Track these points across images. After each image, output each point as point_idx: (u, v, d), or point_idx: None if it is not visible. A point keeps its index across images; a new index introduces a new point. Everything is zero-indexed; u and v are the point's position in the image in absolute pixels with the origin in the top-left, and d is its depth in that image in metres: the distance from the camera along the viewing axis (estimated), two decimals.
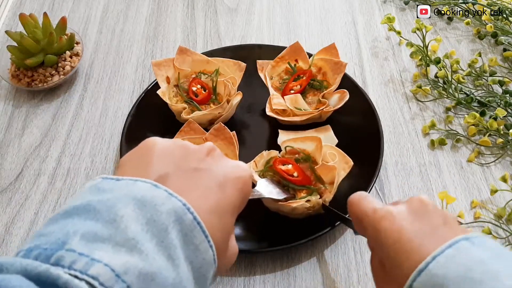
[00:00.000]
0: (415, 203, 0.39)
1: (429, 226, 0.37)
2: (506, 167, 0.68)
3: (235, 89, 0.69)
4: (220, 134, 0.64)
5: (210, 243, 0.32)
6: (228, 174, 0.36)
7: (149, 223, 0.30)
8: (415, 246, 0.35)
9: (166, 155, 0.35)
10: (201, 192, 0.34)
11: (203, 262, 0.32)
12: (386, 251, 0.37)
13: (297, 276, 0.58)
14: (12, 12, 0.93)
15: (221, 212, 0.34)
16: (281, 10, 0.92)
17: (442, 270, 0.32)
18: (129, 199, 0.30)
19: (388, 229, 0.37)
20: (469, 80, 0.78)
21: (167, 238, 0.30)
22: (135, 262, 0.28)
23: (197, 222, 0.31)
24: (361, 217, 0.41)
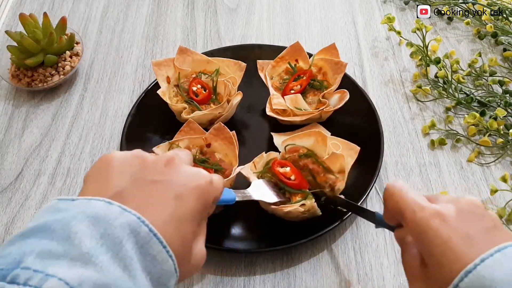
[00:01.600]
0: (465, 205, 0.39)
1: (479, 229, 0.37)
2: (506, 167, 0.68)
3: (235, 89, 0.69)
4: (220, 133, 0.64)
5: (169, 253, 0.33)
6: (186, 184, 0.36)
7: (103, 237, 0.31)
8: (464, 248, 0.35)
9: (123, 169, 0.36)
10: (158, 204, 0.35)
11: (162, 272, 0.33)
12: (432, 250, 0.37)
13: (297, 276, 0.58)
14: (12, 12, 0.93)
15: (180, 222, 0.35)
16: (281, 10, 0.92)
17: (490, 273, 0.33)
18: (83, 217, 0.31)
19: (438, 230, 0.37)
20: (469, 80, 0.78)
21: (122, 250, 0.31)
22: (90, 274, 0.29)
23: (153, 234, 0.32)
24: (404, 210, 0.40)
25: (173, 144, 0.63)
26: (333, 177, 0.60)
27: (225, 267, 0.59)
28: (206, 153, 0.64)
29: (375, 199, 0.65)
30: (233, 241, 0.60)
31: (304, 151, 0.62)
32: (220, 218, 0.62)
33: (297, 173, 0.60)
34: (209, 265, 0.59)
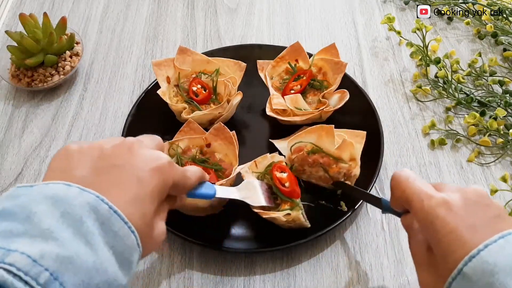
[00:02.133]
0: (472, 194, 0.40)
1: (484, 218, 0.38)
2: (506, 167, 0.68)
3: (235, 89, 0.69)
4: (220, 133, 0.64)
5: (132, 229, 0.35)
6: (145, 166, 0.38)
7: (63, 215, 0.32)
8: (469, 236, 0.36)
9: (82, 159, 0.38)
10: (120, 186, 0.36)
11: (125, 247, 0.34)
12: (439, 238, 0.38)
13: (297, 276, 0.58)
14: (12, 12, 0.93)
15: (141, 202, 0.36)
16: (281, 10, 0.92)
17: (493, 258, 0.34)
18: (42, 198, 0.32)
19: (445, 218, 0.38)
20: (469, 80, 0.78)
21: (83, 226, 0.32)
22: (51, 248, 0.30)
23: (113, 211, 0.34)
24: (412, 198, 0.41)
25: (173, 144, 0.63)
26: (346, 165, 0.60)
27: (225, 267, 0.59)
28: (206, 153, 0.64)
29: None
30: (233, 241, 0.60)
31: (309, 148, 0.62)
32: (220, 218, 0.62)
33: (293, 182, 0.59)
34: (209, 265, 0.59)
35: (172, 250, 0.61)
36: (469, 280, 0.35)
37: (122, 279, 0.34)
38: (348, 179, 0.61)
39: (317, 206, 0.62)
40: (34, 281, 0.28)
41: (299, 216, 0.56)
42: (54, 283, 0.29)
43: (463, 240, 0.36)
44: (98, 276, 0.31)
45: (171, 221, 0.59)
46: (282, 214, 0.56)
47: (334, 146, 0.61)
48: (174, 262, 0.60)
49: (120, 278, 0.34)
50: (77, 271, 0.30)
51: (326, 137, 0.61)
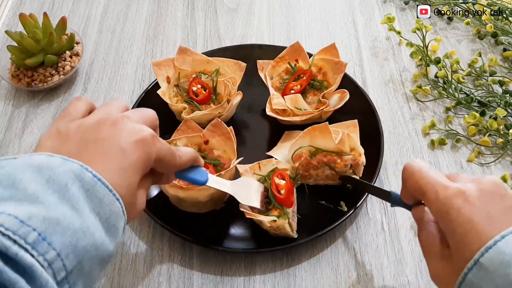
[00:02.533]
0: (488, 184, 0.39)
1: (500, 208, 0.37)
2: (506, 167, 0.68)
3: (235, 89, 0.69)
4: (217, 130, 0.64)
5: (116, 196, 0.35)
6: (129, 138, 0.38)
7: (48, 182, 0.32)
8: (485, 227, 0.36)
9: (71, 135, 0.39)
10: (103, 158, 0.37)
11: (111, 213, 0.35)
12: (455, 229, 0.38)
13: (297, 276, 0.58)
14: (12, 12, 0.93)
15: (125, 172, 0.37)
16: (281, 10, 0.92)
17: (510, 249, 0.34)
18: (26, 167, 0.33)
19: (461, 209, 0.38)
20: (469, 80, 0.78)
21: (68, 192, 0.33)
22: (38, 211, 0.30)
23: (97, 179, 0.34)
24: (426, 190, 0.41)
25: (171, 143, 0.63)
26: (349, 156, 0.60)
27: (225, 267, 0.59)
28: (205, 150, 0.64)
29: (375, 199, 0.65)
30: (233, 241, 0.60)
31: (306, 153, 0.62)
32: (220, 218, 0.62)
33: (289, 190, 0.59)
34: (209, 265, 0.59)
35: (172, 250, 0.61)
36: (486, 271, 0.34)
37: (109, 245, 0.35)
38: (356, 168, 0.62)
39: (317, 206, 0.62)
40: (22, 240, 0.29)
41: (284, 225, 0.56)
42: (42, 243, 0.29)
43: (480, 230, 0.36)
44: (85, 239, 0.32)
45: (171, 221, 0.60)
46: (268, 220, 0.55)
47: (333, 142, 0.61)
48: (174, 262, 0.60)
49: (107, 243, 0.34)
50: (64, 232, 0.31)
51: (322, 136, 0.61)
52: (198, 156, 0.48)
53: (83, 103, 0.44)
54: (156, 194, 0.63)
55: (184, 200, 0.59)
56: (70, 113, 0.42)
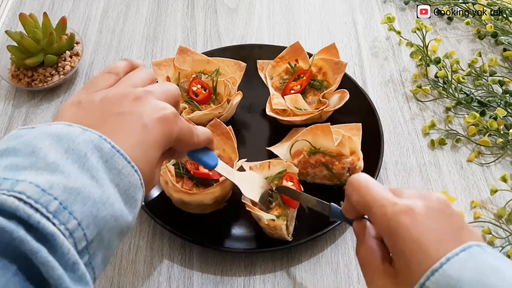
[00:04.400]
0: (434, 202, 0.38)
1: (447, 227, 0.36)
2: (506, 167, 0.68)
3: (235, 89, 0.69)
4: (216, 129, 0.64)
5: (135, 168, 0.35)
6: (151, 114, 0.38)
7: (68, 151, 0.32)
8: (433, 248, 0.35)
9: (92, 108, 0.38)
10: (125, 132, 0.36)
11: (130, 185, 0.35)
12: (402, 247, 0.36)
13: (297, 276, 0.58)
14: (12, 12, 0.93)
15: (146, 147, 0.37)
16: (281, 10, 0.92)
17: (456, 272, 0.33)
18: (45, 136, 0.33)
19: (410, 228, 0.36)
20: (469, 80, 0.78)
21: (88, 162, 0.32)
22: (59, 180, 0.30)
23: (116, 150, 0.34)
24: (372, 205, 0.39)
25: None
26: (348, 159, 0.60)
27: (225, 267, 0.59)
28: None
29: None
30: (233, 241, 0.60)
31: (308, 150, 0.62)
32: (220, 218, 0.62)
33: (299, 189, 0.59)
34: (209, 265, 0.59)
35: (172, 250, 0.61)
36: None
37: (128, 216, 0.35)
38: (353, 172, 0.62)
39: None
40: (44, 209, 0.28)
41: (281, 226, 0.56)
42: (63, 212, 0.29)
43: (427, 251, 0.35)
44: (105, 209, 0.32)
45: (171, 221, 0.60)
46: (267, 217, 0.55)
47: (333, 144, 0.61)
48: (174, 262, 0.60)
49: (126, 215, 0.34)
50: (85, 202, 0.31)
51: (323, 136, 0.61)
52: (213, 139, 0.47)
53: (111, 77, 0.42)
54: (157, 194, 0.63)
55: (189, 203, 0.59)
56: (96, 84, 0.41)
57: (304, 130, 0.64)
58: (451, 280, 0.32)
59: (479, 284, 0.32)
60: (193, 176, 0.61)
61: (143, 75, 0.43)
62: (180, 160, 0.61)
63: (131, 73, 0.43)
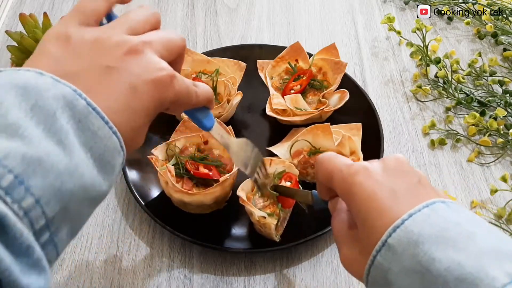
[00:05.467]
0: (391, 161, 0.38)
1: (404, 184, 0.36)
2: (506, 167, 0.68)
3: (235, 89, 0.69)
4: None
5: (113, 129, 0.31)
6: (143, 75, 0.34)
7: (34, 109, 0.28)
8: (390, 204, 0.34)
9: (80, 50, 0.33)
10: (110, 92, 0.32)
11: (106, 149, 0.31)
12: (359, 207, 0.36)
13: (297, 276, 0.58)
14: (12, 12, 0.92)
15: (130, 113, 0.33)
16: (281, 10, 0.92)
17: (417, 228, 0.32)
18: (10, 86, 0.28)
19: (363, 184, 0.36)
20: (469, 80, 0.78)
21: (55, 123, 0.28)
22: (17, 147, 0.26)
23: (92, 108, 0.30)
24: (332, 172, 0.39)
25: (170, 145, 0.63)
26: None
27: (225, 267, 0.59)
28: (204, 150, 0.64)
29: None
30: (233, 241, 0.60)
31: (307, 150, 0.62)
32: (220, 218, 0.62)
33: None
34: (209, 265, 0.59)
35: (172, 250, 0.61)
36: (394, 252, 0.32)
37: (102, 184, 0.31)
38: None
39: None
40: None
41: (270, 225, 0.55)
42: (18, 187, 0.25)
43: (384, 206, 0.34)
44: (72, 181, 0.28)
45: (171, 221, 0.60)
46: (258, 214, 0.55)
47: (333, 144, 0.61)
48: (174, 262, 0.60)
49: (99, 183, 0.31)
50: (46, 174, 0.27)
51: (323, 136, 0.62)
52: (213, 98, 0.43)
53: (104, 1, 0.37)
54: (157, 194, 0.63)
55: (189, 203, 0.59)
56: (85, 11, 0.36)
57: (304, 130, 0.64)
58: (413, 236, 0.32)
59: (439, 238, 0.31)
60: (193, 176, 0.61)
61: (146, 16, 0.38)
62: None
63: (132, 12, 0.38)
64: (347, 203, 0.38)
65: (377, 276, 0.34)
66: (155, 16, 0.39)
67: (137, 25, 0.36)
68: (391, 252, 0.32)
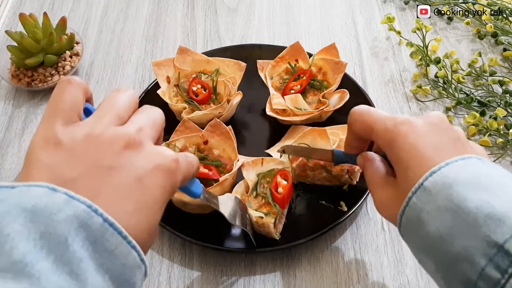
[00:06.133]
0: (433, 118, 0.41)
1: (445, 139, 0.39)
2: (506, 167, 0.68)
3: (235, 89, 0.69)
4: (216, 129, 0.64)
5: (132, 244, 0.29)
6: (148, 168, 0.32)
7: (43, 237, 0.26)
8: (430, 154, 0.37)
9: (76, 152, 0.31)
10: (118, 193, 0.30)
11: (124, 268, 0.29)
12: (401, 154, 0.39)
13: (297, 276, 0.58)
14: (12, 12, 0.93)
15: (145, 212, 0.31)
16: (281, 10, 0.92)
17: (453, 173, 0.35)
18: (19, 211, 0.26)
19: (408, 135, 0.39)
20: (469, 80, 0.78)
21: (67, 251, 0.26)
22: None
23: (109, 224, 0.28)
24: (374, 124, 0.42)
25: (170, 145, 0.63)
26: None
27: (225, 267, 0.59)
28: (204, 150, 0.64)
29: None
30: (233, 241, 0.60)
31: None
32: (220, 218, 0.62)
33: (287, 194, 0.58)
34: (209, 265, 0.59)
35: (172, 250, 0.61)
36: (429, 193, 0.35)
37: None
38: (352, 174, 0.61)
39: (317, 206, 0.62)
40: None
41: (269, 225, 0.56)
42: None
43: (425, 156, 0.37)
44: None
45: (171, 221, 0.60)
46: (255, 215, 0.56)
47: (331, 147, 0.61)
48: (174, 262, 0.60)
49: None
50: None
51: (321, 139, 0.62)
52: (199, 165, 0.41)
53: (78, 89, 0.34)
54: None
55: (189, 203, 0.59)
56: (65, 108, 0.33)
57: (301, 134, 0.63)
58: (448, 179, 0.35)
59: (472, 182, 0.34)
60: None
61: (128, 101, 0.36)
62: None
63: (113, 98, 0.35)
64: (388, 152, 0.41)
65: (410, 216, 0.37)
66: (135, 96, 0.37)
67: (122, 112, 0.35)
68: (426, 194, 0.36)
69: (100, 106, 0.35)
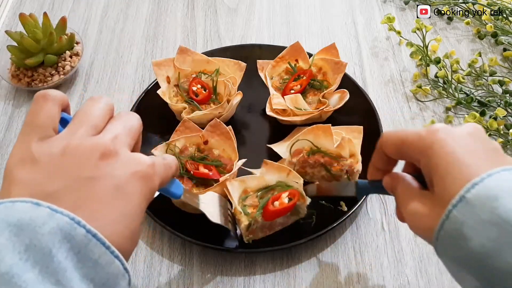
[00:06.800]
0: (469, 128, 0.39)
1: (482, 148, 0.37)
2: None
3: (235, 89, 0.69)
4: (216, 129, 0.64)
5: (115, 254, 0.30)
6: (125, 175, 0.33)
7: (28, 249, 0.27)
8: (470, 162, 0.35)
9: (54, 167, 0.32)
10: (99, 203, 0.31)
11: (108, 276, 0.30)
12: (439, 161, 0.37)
13: (297, 276, 0.58)
14: (12, 12, 0.93)
15: (126, 219, 0.32)
16: (281, 10, 0.92)
17: (497, 185, 0.33)
18: (4, 226, 0.27)
19: (445, 141, 0.37)
20: (469, 80, 0.78)
21: (52, 262, 0.27)
22: None
23: (92, 235, 0.29)
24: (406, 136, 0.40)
25: (170, 145, 0.63)
26: (348, 162, 0.60)
27: (225, 267, 0.59)
28: (204, 150, 0.65)
29: (375, 199, 0.65)
30: (233, 241, 0.60)
31: (308, 149, 0.62)
32: None
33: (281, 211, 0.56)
34: (209, 265, 0.59)
35: (172, 250, 0.61)
36: (471, 206, 0.33)
37: None
38: (351, 175, 0.62)
39: (317, 206, 0.62)
40: None
41: (241, 222, 0.56)
42: None
43: (465, 163, 0.35)
44: None
45: (171, 221, 0.60)
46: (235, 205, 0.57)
47: (333, 145, 0.61)
48: (174, 262, 0.60)
49: None
50: None
51: (324, 136, 0.62)
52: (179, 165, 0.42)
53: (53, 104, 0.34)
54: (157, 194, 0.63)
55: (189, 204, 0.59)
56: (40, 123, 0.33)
57: (305, 130, 0.64)
58: (492, 191, 0.33)
59: None
60: (193, 176, 0.61)
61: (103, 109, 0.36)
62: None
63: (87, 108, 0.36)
64: (423, 160, 0.39)
65: (450, 229, 0.34)
66: (109, 104, 0.37)
67: (98, 122, 0.35)
68: (468, 206, 0.33)
69: (75, 117, 0.35)
